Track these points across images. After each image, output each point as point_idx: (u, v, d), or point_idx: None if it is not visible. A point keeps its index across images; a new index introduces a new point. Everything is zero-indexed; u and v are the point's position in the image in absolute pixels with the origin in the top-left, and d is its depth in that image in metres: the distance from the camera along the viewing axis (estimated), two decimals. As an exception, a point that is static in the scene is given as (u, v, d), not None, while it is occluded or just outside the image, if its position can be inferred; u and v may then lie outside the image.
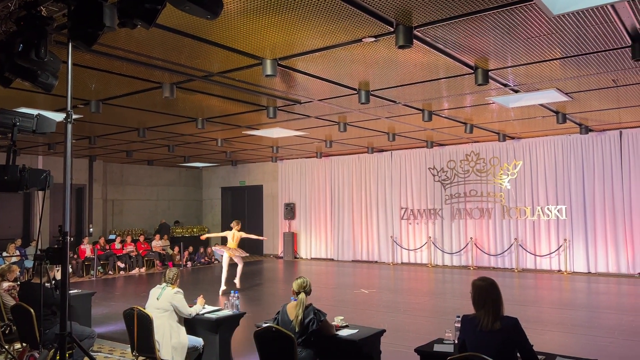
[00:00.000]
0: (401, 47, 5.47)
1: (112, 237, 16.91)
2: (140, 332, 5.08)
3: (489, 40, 5.90)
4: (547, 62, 6.81)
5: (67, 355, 3.68)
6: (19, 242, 14.27)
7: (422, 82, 7.80)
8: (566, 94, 8.59)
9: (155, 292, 5.46)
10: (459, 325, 3.67)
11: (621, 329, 7.62)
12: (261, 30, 5.50)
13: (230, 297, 5.83)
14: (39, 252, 3.78)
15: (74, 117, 9.37)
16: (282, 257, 18.48)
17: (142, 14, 3.38)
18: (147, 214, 19.72)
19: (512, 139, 14.25)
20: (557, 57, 6.57)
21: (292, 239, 18.45)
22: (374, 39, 5.79)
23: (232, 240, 11.29)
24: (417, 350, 4.15)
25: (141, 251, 16.31)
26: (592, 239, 13.28)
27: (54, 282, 5.53)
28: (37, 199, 15.70)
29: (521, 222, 14.35)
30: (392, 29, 5.44)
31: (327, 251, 18.09)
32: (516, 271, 13.97)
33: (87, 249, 15.12)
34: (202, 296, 5.87)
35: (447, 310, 8.89)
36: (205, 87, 8.01)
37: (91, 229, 17.40)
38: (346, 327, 4.88)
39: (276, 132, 12.36)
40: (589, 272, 13.24)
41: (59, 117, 7.90)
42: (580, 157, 13.50)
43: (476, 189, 15.12)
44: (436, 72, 7.31)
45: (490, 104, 9.42)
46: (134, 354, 5.23)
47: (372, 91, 8.31)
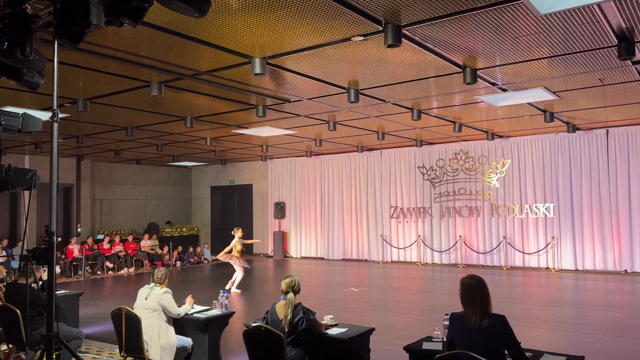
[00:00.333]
0: (390, 46, 5.48)
1: (100, 237, 16.79)
2: (128, 333, 5.05)
3: (478, 39, 5.93)
4: (535, 61, 6.85)
5: (54, 356, 3.65)
6: (5, 242, 14.12)
7: (411, 81, 7.82)
8: (553, 92, 8.66)
9: (143, 292, 5.43)
10: (448, 323, 3.69)
11: (608, 325, 7.70)
12: (250, 28, 5.48)
13: (219, 297, 5.81)
14: (25, 253, 3.75)
15: (61, 116, 9.29)
16: (272, 257, 18.46)
17: (129, 11, 3.35)
18: (135, 214, 19.59)
19: (501, 137, 14.34)
20: (545, 56, 6.62)
21: (282, 238, 18.43)
22: (363, 38, 5.79)
23: (237, 247, 11.28)
24: (406, 348, 4.16)
25: (130, 251, 16.21)
26: (579, 237, 13.41)
27: (40, 282, 5.47)
28: (23, 199, 15.53)
29: (509, 220, 14.46)
30: (381, 28, 5.44)
31: (317, 250, 18.09)
32: (505, 269, 14.06)
33: (75, 249, 15.00)
34: (190, 296, 5.85)
35: (436, 308, 8.93)
36: (193, 85, 7.97)
37: (79, 229, 17.25)
38: (335, 325, 4.89)
39: (266, 131, 12.33)
40: (577, 270, 13.36)
41: (45, 116, 7.81)
42: (567, 155, 13.62)
43: (465, 188, 15.20)
44: (425, 71, 7.33)
45: (478, 102, 9.47)
46: (122, 354, 5.19)
47: (361, 90, 8.32)
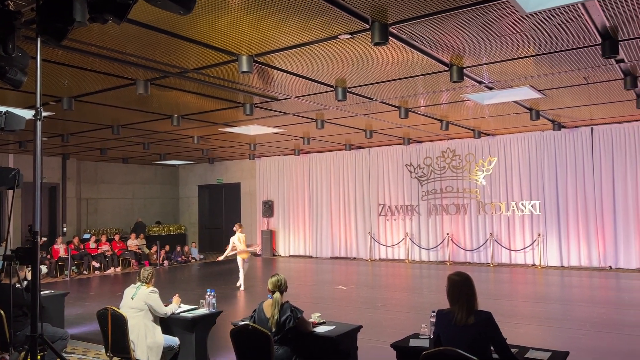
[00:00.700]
0: (377, 44, 5.49)
1: (86, 236, 16.63)
2: (114, 333, 5.01)
3: (464, 37, 5.96)
4: (521, 60, 6.91)
5: (38, 357, 3.61)
6: (-11, 242, 13.95)
7: (399, 79, 7.84)
8: (539, 91, 8.73)
9: (129, 291, 5.39)
10: (434, 320, 3.71)
11: (593, 321, 7.79)
12: (237, 26, 5.45)
13: (206, 296, 5.78)
14: (9, 253, 3.70)
15: (45, 114, 9.19)
16: (260, 255, 18.42)
17: (113, 8, 3.31)
18: (122, 213, 19.45)
19: (487, 135, 14.44)
20: (530, 54, 6.67)
21: (270, 237, 18.40)
22: (349, 36, 5.79)
23: (241, 243, 11.33)
24: (393, 345, 4.17)
25: (116, 250, 16.07)
26: (565, 234, 13.55)
27: (25, 282, 5.41)
28: (6, 198, 15.34)
29: (496, 217, 14.57)
30: (368, 26, 5.45)
31: (305, 248, 18.09)
32: (491, 266, 14.18)
33: (60, 248, 14.83)
34: (177, 295, 5.81)
35: (423, 305, 8.97)
36: (180, 83, 7.92)
37: (65, 229, 17.07)
38: (323, 323, 4.89)
39: (253, 129, 12.29)
40: (562, 266, 13.51)
41: (28, 114, 7.72)
42: (553, 153, 13.75)
43: (452, 185, 15.29)
44: (412, 70, 7.36)
45: (465, 101, 9.52)
46: (108, 354, 5.15)
47: (349, 88, 8.32)
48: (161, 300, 5.44)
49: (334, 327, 4.80)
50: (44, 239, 14.53)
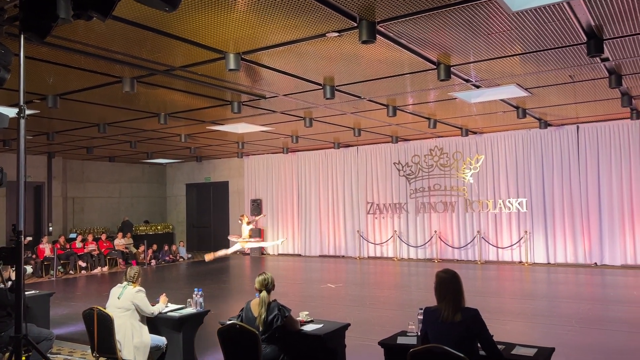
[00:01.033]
0: (364, 42, 5.49)
1: (72, 235, 16.45)
2: (100, 333, 4.96)
3: (451, 36, 5.98)
4: (508, 58, 6.95)
5: (23, 358, 3.57)
6: (-27, 242, 13.76)
7: (386, 77, 7.85)
8: (526, 89, 8.80)
9: (116, 291, 5.34)
10: (422, 317, 3.72)
11: (579, 317, 7.87)
12: (224, 23, 5.42)
13: (194, 295, 5.75)
14: (-9, 253, 3.64)
15: (30, 112, 9.08)
16: (248, 254, 18.36)
17: (98, 5, 3.27)
18: (109, 212, 19.28)
19: (475, 133, 14.52)
20: (517, 53, 6.71)
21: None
22: (337, 34, 5.78)
23: (246, 232, 12.03)
24: (381, 343, 4.18)
25: (103, 250, 15.93)
26: (551, 231, 13.68)
27: (9, 282, 5.34)
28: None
29: (483, 215, 14.66)
30: (356, 24, 5.44)
31: (294, 247, 18.07)
32: (479, 263, 14.27)
33: (46, 248, 14.66)
34: (164, 295, 5.77)
35: (412, 302, 9.00)
36: (167, 81, 7.86)
37: (50, 228, 16.89)
38: (311, 322, 4.88)
39: (241, 128, 12.24)
40: (549, 263, 13.63)
41: (11, 112, 7.61)
42: (539, 151, 13.86)
43: (440, 183, 15.36)
44: (400, 68, 7.37)
45: (453, 99, 9.56)
46: (94, 355, 5.10)
47: (337, 86, 8.32)
48: (148, 299, 5.40)
49: (322, 325, 4.79)
50: (29, 238, 14.36)
